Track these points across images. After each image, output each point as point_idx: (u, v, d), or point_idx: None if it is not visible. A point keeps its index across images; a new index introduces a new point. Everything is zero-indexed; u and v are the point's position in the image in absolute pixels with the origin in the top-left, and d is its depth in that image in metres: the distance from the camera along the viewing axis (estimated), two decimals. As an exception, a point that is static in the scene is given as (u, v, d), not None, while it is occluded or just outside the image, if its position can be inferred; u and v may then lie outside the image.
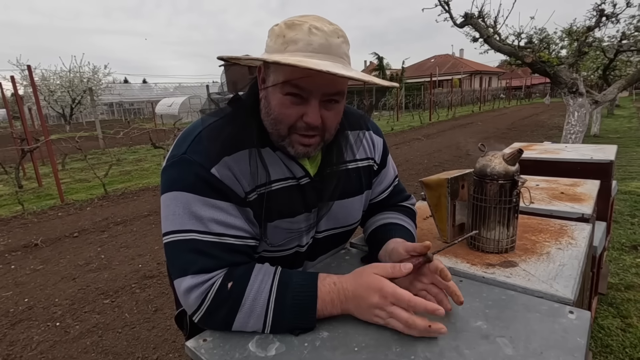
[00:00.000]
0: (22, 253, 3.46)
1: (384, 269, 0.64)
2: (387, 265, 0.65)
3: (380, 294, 0.60)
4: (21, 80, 16.20)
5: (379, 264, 0.66)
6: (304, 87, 0.64)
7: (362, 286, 0.62)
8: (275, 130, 0.69)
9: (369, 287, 0.62)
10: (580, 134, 4.67)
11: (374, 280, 0.62)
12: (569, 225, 1.02)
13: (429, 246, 0.67)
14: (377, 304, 0.61)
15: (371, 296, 0.61)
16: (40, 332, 2.22)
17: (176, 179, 0.67)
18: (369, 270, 0.64)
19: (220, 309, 0.62)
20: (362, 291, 0.62)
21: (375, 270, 0.64)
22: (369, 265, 0.66)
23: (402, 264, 0.64)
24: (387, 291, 0.60)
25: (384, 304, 0.60)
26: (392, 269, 0.64)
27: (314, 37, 0.62)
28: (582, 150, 1.96)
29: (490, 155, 0.88)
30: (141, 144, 11.22)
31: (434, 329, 0.57)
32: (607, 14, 4.81)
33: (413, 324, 0.58)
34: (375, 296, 0.61)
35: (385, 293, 0.60)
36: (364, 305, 0.62)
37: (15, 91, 6.23)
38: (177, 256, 0.65)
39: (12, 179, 5.82)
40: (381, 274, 0.63)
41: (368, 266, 0.66)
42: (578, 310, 0.64)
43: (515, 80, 37.74)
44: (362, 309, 0.62)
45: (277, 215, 0.73)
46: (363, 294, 0.62)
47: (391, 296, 0.60)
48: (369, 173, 0.88)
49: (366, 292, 0.62)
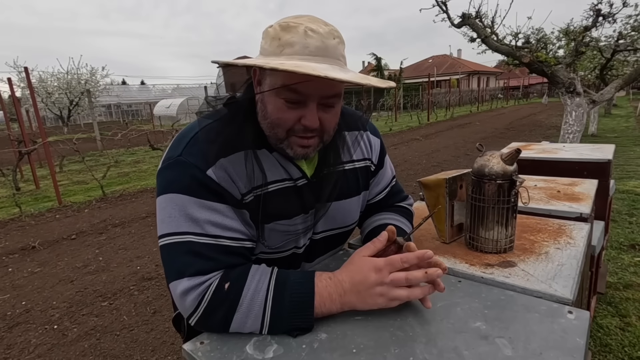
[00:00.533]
0: (20, 256, 3.45)
1: (367, 249, 0.67)
2: (369, 245, 0.68)
3: (375, 269, 0.63)
4: (18, 82, 16.18)
5: (361, 247, 0.69)
6: (302, 91, 0.63)
7: (357, 271, 0.65)
8: (273, 134, 0.69)
9: (363, 269, 0.64)
10: (578, 134, 4.68)
11: (365, 261, 0.65)
12: (568, 224, 1.02)
13: (393, 230, 0.69)
14: (375, 280, 0.63)
15: (368, 276, 0.63)
16: (38, 335, 2.20)
17: (172, 181, 0.66)
18: (357, 256, 0.67)
19: (217, 310, 0.62)
20: (358, 276, 0.64)
21: (362, 253, 0.67)
22: (354, 253, 0.69)
23: (376, 238, 0.68)
24: (380, 264, 0.64)
25: (381, 276, 0.63)
26: (373, 244, 0.68)
27: (310, 40, 0.61)
28: (580, 149, 1.96)
29: (489, 155, 0.87)
30: (139, 145, 11.20)
31: (431, 273, 0.61)
32: (603, 13, 4.83)
33: (413, 277, 0.62)
34: (372, 274, 0.63)
35: (379, 266, 0.63)
36: (364, 288, 0.63)
37: (12, 93, 6.21)
38: (173, 259, 0.65)
39: (10, 182, 5.80)
40: (368, 254, 0.66)
41: (354, 254, 0.69)
42: (577, 311, 0.63)
43: (513, 80, 37.85)
44: (363, 294, 0.63)
45: (274, 217, 0.72)
46: (360, 277, 0.64)
47: (384, 265, 0.63)
48: (366, 174, 0.88)
49: (362, 274, 0.64)
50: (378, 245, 0.68)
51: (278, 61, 0.59)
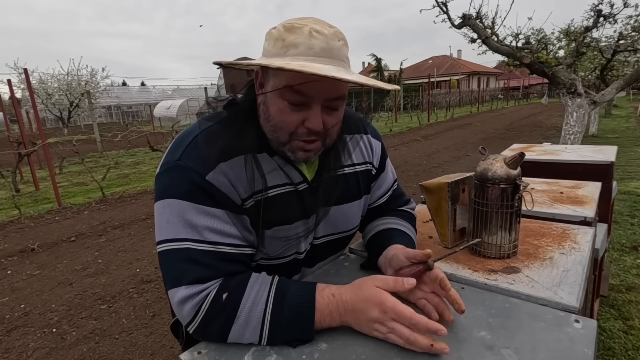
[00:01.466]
0: (19, 258, 3.43)
1: (385, 283, 0.61)
2: (389, 278, 0.62)
3: (380, 309, 0.58)
4: (18, 83, 16.18)
5: (380, 276, 0.64)
6: (306, 92, 0.62)
7: (362, 299, 0.60)
8: (275, 137, 0.67)
9: (368, 300, 0.59)
10: (579, 135, 4.67)
11: (374, 294, 0.59)
12: (572, 228, 1.00)
13: (430, 254, 0.65)
14: (376, 318, 0.58)
15: (371, 310, 0.59)
16: (36, 339, 2.19)
17: (170, 186, 0.65)
18: (370, 283, 0.62)
19: (215, 321, 0.60)
20: (361, 305, 0.60)
21: (377, 283, 0.61)
22: (370, 277, 0.64)
23: (405, 279, 0.61)
24: (387, 306, 0.58)
25: (384, 319, 0.58)
26: (395, 283, 0.61)
27: (315, 41, 0.60)
28: (582, 151, 1.95)
29: (492, 158, 0.86)
30: (139, 146, 11.19)
31: (437, 349, 0.55)
32: (604, 14, 4.83)
33: (415, 341, 0.55)
34: (375, 310, 0.58)
35: (386, 308, 0.58)
36: (363, 319, 0.60)
37: (12, 94, 6.20)
38: (171, 266, 0.63)
39: (9, 183, 5.79)
40: (382, 287, 0.60)
41: (369, 278, 0.63)
42: (584, 319, 0.62)
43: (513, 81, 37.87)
44: (361, 322, 0.60)
45: (274, 222, 0.71)
46: (362, 307, 0.60)
47: (392, 312, 0.57)
48: (367, 177, 0.86)
49: (366, 305, 0.59)
50: (399, 288, 0.61)
51: (283, 61, 0.58)
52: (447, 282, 0.62)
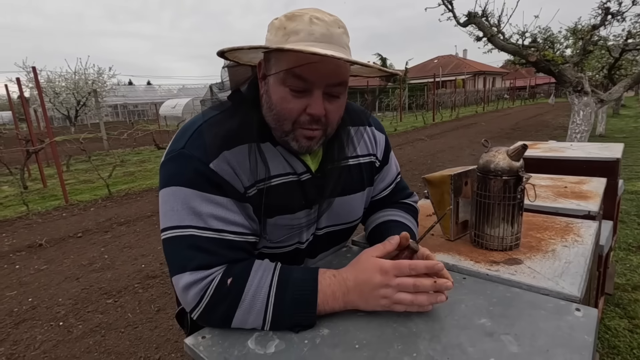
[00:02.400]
0: (27, 253, 3.48)
1: (376, 249, 0.66)
2: (378, 246, 0.66)
3: (381, 271, 0.62)
4: (27, 82, 16.36)
5: (370, 247, 0.67)
6: (307, 77, 0.63)
7: (363, 271, 0.63)
8: (279, 126, 0.68)
9: (368, 269, 0.63)
10: (586, 134, 4.63)
11: (373, 262, 0.63)
12: (575, 222, 1.00)
13: (407, 236, 0.67)
14: (380, 282, 0.61)
15: (373, 277, 0.62)
16: (44, 332, 2.22)
17: (174, 174, 0.66)
18: (364, 256, 0.66)
19: (219, 306, 0.61)
20: (363, 276, 0.63)
21: (370, 253, 0.65)
22: (362, 252, 0.67)
23: (388, 239, 0.66)
24: (387, 266, 0.62)
25: (387, 279, 0.61)
26: (384, 246, 0.66)
27: (315, 27, 0.61)
28: (588, 148, 1.93)
29: (494, 151, 0.86)
30: (145, 145, 11.27)
31: (440, 283, 0.60)
32: (612, 12, 4.78)
33: (420, 284, 0.60)
34: (377, 275, 0.62)
35: (386, 268, 0.62)
36: (368, 288, 0.62)
37: (21, 93, 6.29)
38: (175, 252, 0.64)
39: (17, 180, 5.87)
40: (376, 255, 0.65)
41: (362, 253, 0.67)
42: (585, 308, 0.62)
43: (519, 81, 37.56)
44: (366, 294, 0.62)
45: (277, 211, 0.72)
46: (365, 277, 0.62)
47: (392, 268, 0.61)
48: (370, 169, 0.87)
49: (367, 274, 0.62)
50: (389, 247, 0.66)
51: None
52: (432, 257, 0.66)
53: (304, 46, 0.58)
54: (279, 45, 0.57)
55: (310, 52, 0.55)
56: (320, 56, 0.55)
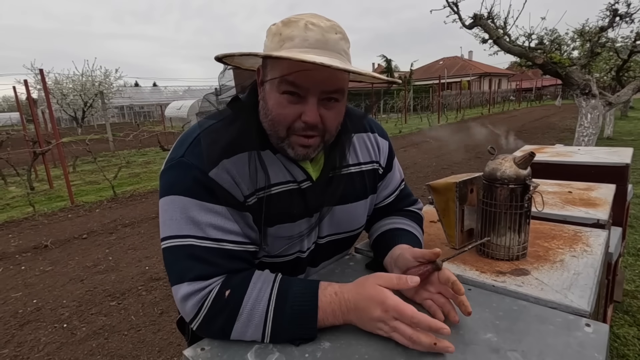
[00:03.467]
0: (32, 254, 3.51)
1: (388, 281, 0.60)
2: (392, 276, 0.61)
3: (382, 308, 0.57)
4: (35, 84, 16.57)
5: (383, 274, 0.62)
6: (301, 84, 0.62)
7: (364, 298, 0.59)
8: (274, 132, 0.67)
9: (370, 299, 0.58)
10: (594, 137, 4.57)
11: (376, 293, 0.58)
12: (584, 231, 0.98)
13: (439, 253, 0.63)
14: (378, 317, 0.57)
15: (373, 309, 0.58)
16: (48, 334, 2.23)
17: (174, 183, 0.65)
18: (372, 281, 0.61)
19: (217, 318, 0.60)
20: (363, 303, 0.59)
21: (379, 282, 0.60)
22: (372, 275, 0.62)
23: (408, 277, 0.60)
24: (389, 305, 0.57)
25: (386, 318, 0.57)
26: (398, 280, 0.60)
27: (310, 33, 0.60)
28: (596, 153, 1.90)
29: (501, 158, 0.84)
30: (150, 146, 11.35)
31: (440, 347, 0.54)
32: (620, 13, 4.72)
33: (417, 340, 0.54)
34: (377, 310, 0.57)
35: (387, 307, 0.57)
36: (366, 318, 0.59)
37: (29, 95, 6.35)
38: (174, 262, 0.63)
39: (24, 181, 5.93)
40: (385, 286, 0.59)
41: (371, 276, 0.62)
42: (595, 323, 0.60)
43: (526, 82, 37.31)
44: (364, 321, 0.60)
45: (277, 219, 0.71)
46: (364, 306, 0.59)
47: (393, 310, 0.56)
48: (373, 177, 0.85)
49: (367, 304, 0.58)
50: (401, 285, 0.60)
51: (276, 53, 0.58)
52: (460, 286, 0.60)
53: (296, 53, 0.57)
54: (269, 53, 0.56)
55: (300, 59, 0.54)
56: (311, 64, 0.54)
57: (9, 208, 5.20)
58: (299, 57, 0.54)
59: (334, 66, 0.55)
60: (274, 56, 0.56)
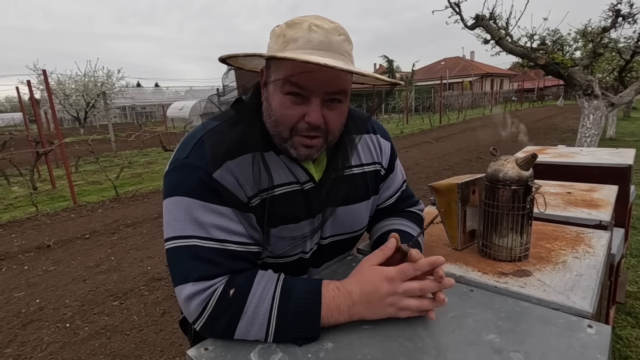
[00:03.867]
0: (35, 254, 3.52)
1: (375, 257, 0.65)
2: (376, 252, 0.66)
3: (387, 280, 0.61)
4: (37, 84, 16.63)
5: (369, 256, 0.67)
6: (304, 85, 0.62)
7: (368, 282, 0.62)
8: (277, 133, 0.67)
9: (374, 279, 0.62)
10: (596, 137, 4.56)
11: (375, 271, 0.63)
12: (586, 232, 0.98)
13: (397, 237, 0.67)
14: (387, 290, 0.61)
15: (380, 286, 0.61)
16: (50, 333, 2.24)
17: (178, 184, 0.66)
18: (365, 266, 0.65)
19: (221, 317, 0.61)
20: (369, 286, 0.62)
21: (371, 262, 0.65)
22: (362, 262, 0.67)
23: (385, 245, 0.66)
24: (391, 274, 0.61)
25: (394, 287, 0.61)
26: (382, 252, 0.65)
27: (314, 34, 0.60)
28: (599, 154, 1.90)
29: (503, 159, 0.85)
30: (152, 146, 11.37)
31: (445, 284, 0.61)
32: (623, 14, 4.71)
33: (427, 287, 0.61)
34: (384, 284, 0.61)
35: (391, 276, 0.61)
36: (375, 298, 0.62)
37: (32, 95, 6.38)
38: (178, 263, 0.64)
39: (27, 181, 5.95)
40: (376, 262, 0.64)
41: (362, 262, 0.66)
42: (597, 325, 0.60)
43: (528, 83, 37.23)
44: (374, 304, 0.62)
45: (280, 220, 0.71)
46: (371, 288, 0.62)
47: (397, 274, 0.61)
48: (375, 178, 0.86)
49: (374, 285, 0.62)
50: (387, 252, 0.65)
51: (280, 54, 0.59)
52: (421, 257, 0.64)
53: (300, 54, 0.58)
54: (273, 54, 0.57)
55: (303, 60, 0.54)
56: (315, 65, 0.55)
57: (12, 208, 5.22)
58: (303, 58, 0.54)
59: (338, 67, 0.55)
60: (278, 57, 0.56)
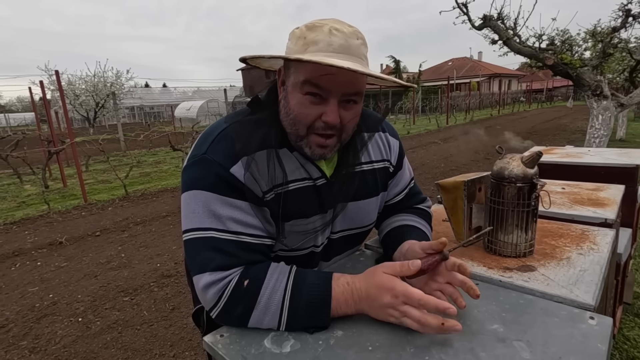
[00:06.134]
0: (48, 250, 3.60)
1: (392, 268, 0.64)
2: (396, 264, 0.65)
3: (392, 294, 0.61)
4: (49, 85, 16.91)
5: (388, 263, 0.66)
6: (324, 86, 0.65)
7: (374, 286, 0.63)
8: (294, 130, 0.70)
9: (380, 287, 0.62)
10: (605, 138, 4.51)
11: (385, 280, 0.62)
12: (591, 230, 0.99)
13: (445, 242, 0.66)
14: (389, 303, 0.61)
15: (383, 296, 0.61)
16: (64, 327, 2.30)
17: (196, 178, 0.69)
18: (380, 270, 0.65)
19: (236, 306, 0.64)
20: (374, 291, 0.63)
21: (386, 270, 0.64)
22: (379, 265, 0.67)
23: (409, 262, 0.64)
24: (398, 291, 0.60)
25: (395, 303, 0.60)
26: (401, 267, 0.64)
27: (334, 38, 0.63)
28: (606, 154, 1.90)
29: (509, 157, 0.87)
30: (160, 146, 11.50)
31: (448, 327, 0.57)
32: (634, 14, 4.66)
33: (426, 322, 0.58)
34: (387, 296, 0.61)
35: (397, 293, 0.60)
36: (377, 305, 0.62)
37: (44, 95, 6.50)
38: (196, 253, 0.67)
39: (39, 180, 6.07)
40: (391, 273, 0.64)
41: (379, 266, 0.66)
42: (599, 316, 0.62)
43: (536, 83, 36.85)
44: (375, 308, 0.63)
45: (293, 215, 0.74)
46: (375, 294, 0.62)
47: (402, 295, 0.60)
48: (384, 175, 0.88)
49: (378, 292, 0.62)
50: (404, 271, 0.64)
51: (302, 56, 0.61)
52: (466, 266, 0.65)
53: (322, 57, 0.61)
54: (298, 56, 0.59)
55: (328, 63, 0.57)
56: (337, 68, 0.57)
57: (24, 206, 5.34)
58: (327, 61, 0.57)
59: (360, 71, 0.59)
60: (304, 60, 0.59)
